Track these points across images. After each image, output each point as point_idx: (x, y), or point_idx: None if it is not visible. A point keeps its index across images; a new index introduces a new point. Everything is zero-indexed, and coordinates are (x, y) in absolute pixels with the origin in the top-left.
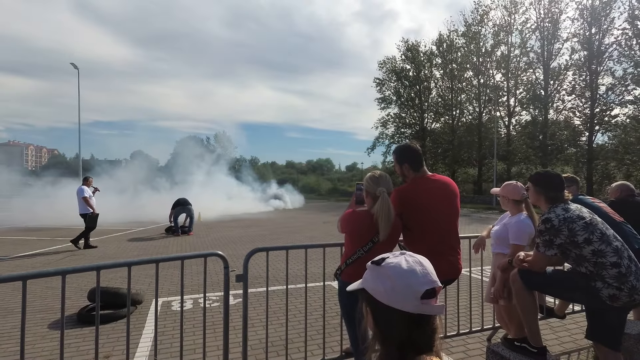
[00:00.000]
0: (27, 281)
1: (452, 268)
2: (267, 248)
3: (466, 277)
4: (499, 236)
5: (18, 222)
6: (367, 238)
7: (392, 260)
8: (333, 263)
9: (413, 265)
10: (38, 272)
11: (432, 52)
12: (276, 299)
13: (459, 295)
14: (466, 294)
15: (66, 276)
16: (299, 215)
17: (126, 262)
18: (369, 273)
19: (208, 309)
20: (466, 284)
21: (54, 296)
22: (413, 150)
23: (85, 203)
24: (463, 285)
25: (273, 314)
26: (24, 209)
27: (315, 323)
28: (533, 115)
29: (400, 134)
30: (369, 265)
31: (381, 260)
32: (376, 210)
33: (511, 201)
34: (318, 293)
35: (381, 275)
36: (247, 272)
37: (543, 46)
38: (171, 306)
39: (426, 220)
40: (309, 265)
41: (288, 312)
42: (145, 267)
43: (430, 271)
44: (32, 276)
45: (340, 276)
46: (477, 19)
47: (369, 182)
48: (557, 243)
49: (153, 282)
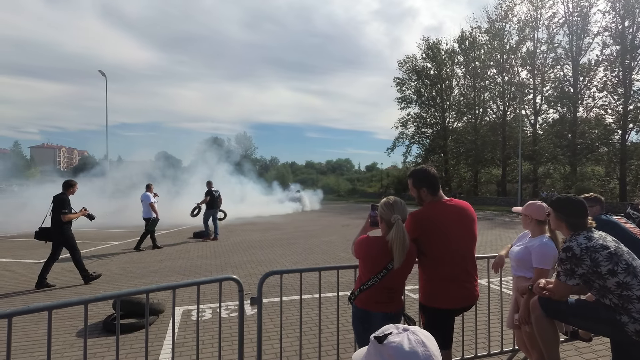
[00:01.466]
0: (52, 311)
1: (468, 295)
2: (281, 271)
3: (485, 294)
4: (521, 258)
5: None
6: (381, 265)
7: (394, 338)
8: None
9: (415, 347)
10: (63, 303)
11: (453, 50)
12: (293, 309)
13: (477, 313)
14: (485, 313)
15: (91, 284)
16: (317, 217)
17: (145, 289)
18: (372, 348)
19: (227, 319)
20: (485, 302)
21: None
22: (431, 175)
23: (151, 208)
24: (482, 301)
25: (289, 325)
26: None
27: (332, 337)
28: (561, 113)
29: (420, 133)
30: (372, 339)
31: (384, 336)
32: (391, 238)
33: (534, 221)
34: (334, 304)
35: (382, 353)
36: (262, 295)
37: (572, 41)
38: (191, 315)
39: (442, 246)
40: (324, 275)
41: (302, 324)
42: (166, 275)
43: (433, 352)
44: (58, 306)
45: (354, 301)
46: (501, 15)
47: (384, 209)
48: (579, 273)
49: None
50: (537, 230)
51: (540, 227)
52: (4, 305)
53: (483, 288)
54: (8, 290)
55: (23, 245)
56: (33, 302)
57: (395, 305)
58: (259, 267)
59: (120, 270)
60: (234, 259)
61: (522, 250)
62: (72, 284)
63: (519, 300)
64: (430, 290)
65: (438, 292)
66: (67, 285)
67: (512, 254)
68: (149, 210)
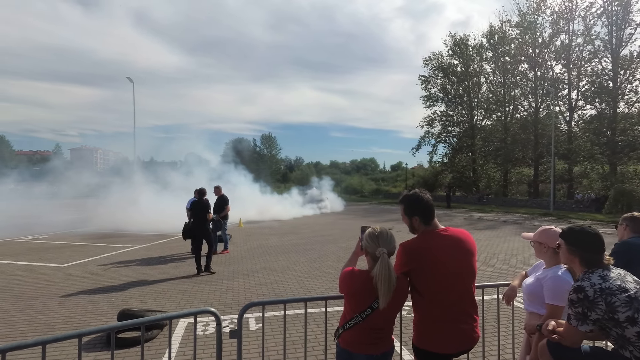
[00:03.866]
0: (46, 345)
1: (466, 338)
2: (263, 302)
3: (492, 331)
4: (532, 292)
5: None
6: (365, 303)
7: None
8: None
9: None
10: (55, 338)
11: (481, 46)
12: (277, 337)
13: (484, 353)
14: (494, 351)
15: (101, 291)
16: (338, 220)
17: (110, 327)
18: None
19: (226, 334)
20: (493, 338)
21: (93, 312)
22: (424, 202)
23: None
24: (491, 337)
25: (275, 344)
26: (101, 212)
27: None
28: (599, 109)
29: (447, 132)
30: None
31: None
32: (375, 274)
33: (550, 250)
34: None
35: None
36: (242, 328)
37: (611, 32)
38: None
39: (436, 282)
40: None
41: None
42: (178, 283)
43: None
44: (50, 341)
45: (338, 339)
46: (533, 7)
47: (368, 241)
48: (593, 318)
49: (183, 299)
50: (553, 260)
51: (556, 256)
52: (19, 313)
53: (492, 320)
54: (29, 295)
55: (51, 248)
56: (48, 311)
57: (382, 346)
58: (270, 276)
59: (134, 276)
60: (246, 265)
61: (534, 283)
62: (87, 288)
63: (532, 340)
64: (423, 331)
65: (432, 334)
66: (83, 290)
67: (524, 286)
68: None
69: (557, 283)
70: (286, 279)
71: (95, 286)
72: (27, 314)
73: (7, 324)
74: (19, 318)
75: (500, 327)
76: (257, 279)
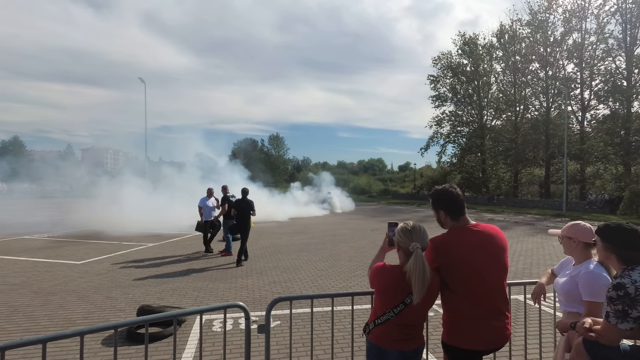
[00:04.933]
0: (46, 343)
1: (498, 335)
2: (290, 297)
3: (519, 330)
4: (568, 291)
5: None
6: (398, 299)
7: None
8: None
9: None
10: (55, 335)
11: (492, 45)
12: (302, 331)
13: (511, 352)
14: (521, 351)
15: (117, 288)
16: (347, 220)
17: (146, 318)
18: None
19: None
20: (519, 337)
21: (111, 308)
22: (451, 195)
23: (199, 211)
24: (517, 336)
25: (300, 338)
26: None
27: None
28: (613, 108)
29: (456, 132)
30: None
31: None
32: (409, 269)
33: (580, 244)
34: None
35: None
36: (270, 323)
37: (625, 31)
38: (212, 325)
39: (467, 278)
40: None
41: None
42: (193, 280)
43: None
44: (51, 339)
45: (369, 335)
46: (544, 6)
47: (401, 236)
48: (634, 316)
49: (199, 296)
50: (583, 255)
51: (586, 251)
52: (40, 308)
53: (518, 320)
54: (47, 291)
55: (67, 245)
56: (67, 306)
57: (414, 342)
58: (283, 274)
59: (150, 273)
60: (259, 264)
61: (568, 282)
62: (103, 284)
63: (572, 337)
64: (454, 327)
65: (462, 331)
66: (100, 286)
67: (558, 286)
68: (210, 213)
69: (592, 278)
70: (299, 277)
71: (112, 283)
72: (47, 309)
73: (29, 319)
74: (40, 313)
75: (527, 326)
76: (270, 277)
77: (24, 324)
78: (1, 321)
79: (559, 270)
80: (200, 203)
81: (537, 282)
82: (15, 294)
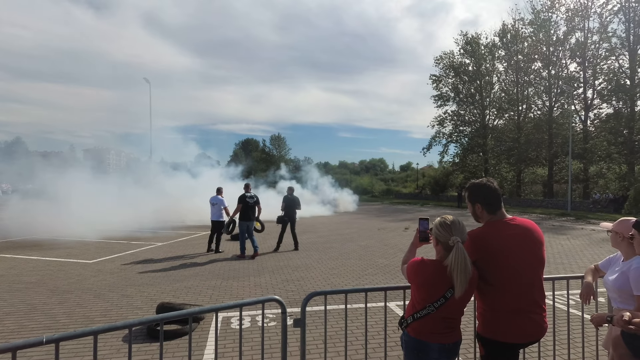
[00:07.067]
0: (98, 336)
1: (535, 327)
2: (325, 292)
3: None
4: (621, 288)
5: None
6: (439, 293)
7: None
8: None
9: None
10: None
11: (494, 44)
12: (337, 317)
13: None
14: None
15: (132, 286)
16: (352, 219)
17: (189, 311)
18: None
19: (265, 328)
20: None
21: (128, 306)
22: (489, 189)
23: (225, 212)
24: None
25: (335, 333)
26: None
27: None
28: (616, 107)
29: (458, 132)
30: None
31: None
32: (450, 263)
33: (625, 239)
34: (379, 314)
35: None
36: (305, 317)
37: (628, 29)
38: (230, 323)
39: (504, 272)
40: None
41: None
42: (206, 278)
43: None
44: (102, 331)
45: (407, 329)
46: (547, 5)
47: (440, 230)
48: None
49: (215, 294)
50: (630, 250)
51: (632, 246)
52: (58, 306)
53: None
54: (63, 290)
55: (77, 246)
56: (85, 304)
57: (454, 335)
58: (295, 273)
59: (162, 272)
60: (270, 263)
61: (620, 277)
62: (118, 283)
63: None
64: (490, 320)
65: (499, 324)
66: (114, 284)
67: (609, 283)
68: (220, 213)
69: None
70: (312, 275)
71: (126, 282)
72: (65, 307)
73: (48, 317)
74: (58, 311)
75: (568, 321)
76: (282, 275)
77: (43, 322)
78: (21, 319)
79: (606, 266)
80: (225, 203)
81: (559, 277)
82: (32, 293)
